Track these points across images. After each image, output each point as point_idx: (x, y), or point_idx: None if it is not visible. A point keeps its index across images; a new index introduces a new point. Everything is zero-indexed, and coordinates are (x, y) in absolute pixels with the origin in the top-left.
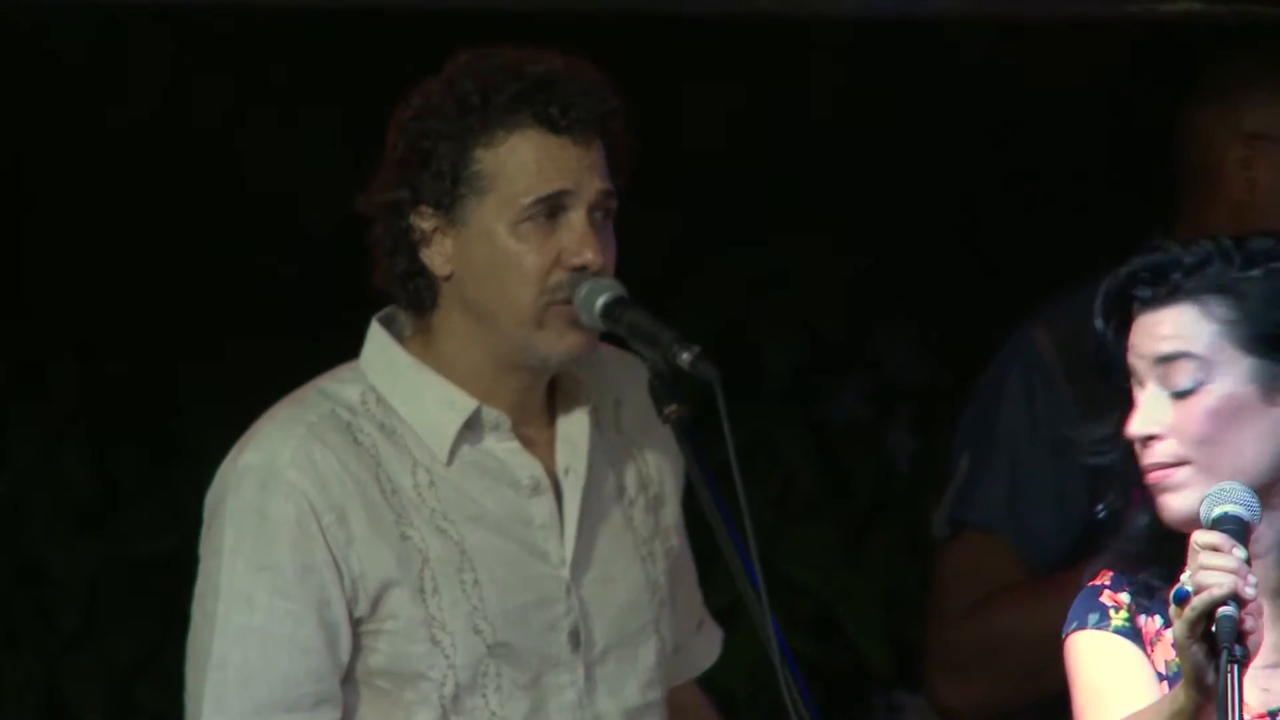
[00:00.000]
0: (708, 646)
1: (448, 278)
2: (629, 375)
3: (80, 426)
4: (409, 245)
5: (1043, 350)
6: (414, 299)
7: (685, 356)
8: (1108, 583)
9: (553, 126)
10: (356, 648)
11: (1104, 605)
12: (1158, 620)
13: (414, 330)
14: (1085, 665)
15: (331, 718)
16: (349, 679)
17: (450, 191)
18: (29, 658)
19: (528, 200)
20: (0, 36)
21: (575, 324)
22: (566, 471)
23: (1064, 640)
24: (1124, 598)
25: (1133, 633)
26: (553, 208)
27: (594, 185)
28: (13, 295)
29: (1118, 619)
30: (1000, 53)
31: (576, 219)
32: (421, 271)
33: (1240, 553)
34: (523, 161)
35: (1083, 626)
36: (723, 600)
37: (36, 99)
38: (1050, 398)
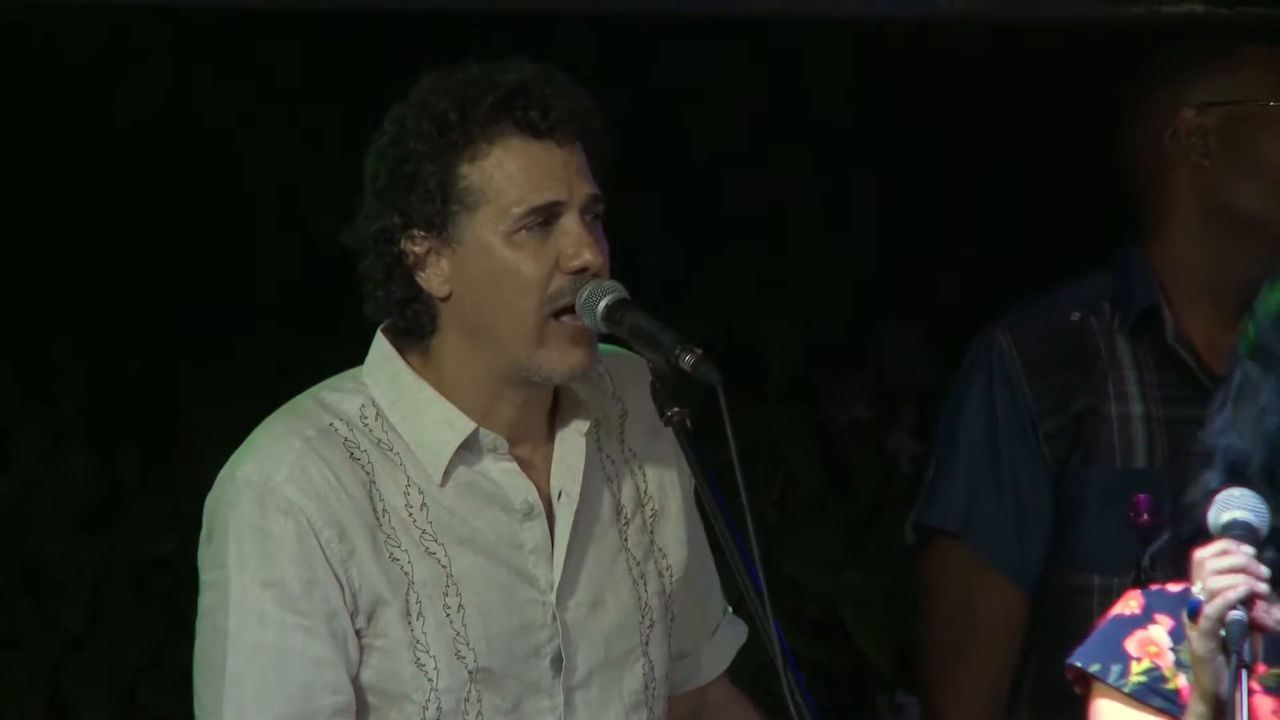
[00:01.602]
0: (719, 654)
1: (446, 299)
2: (639, 386)
3: (83, 428)
4: (403, 271)
5: (1005, 350)
6: (413, 325)
7: (687, 359)
8: (1137, 610)
9: (535, 131)
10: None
11: (1127, 654)
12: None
13: (417, 346)
14: None
15: None
16: None
17: (440, 211)
18: (31, 659)
19: (520, 210)
20: (7, 38)
21: (577, 341)
22: (560, 495)
23: (1086, 671)
24: (1157, 635)
25: (1151, 689)
26: (546, 215)
27: (583, 189)
28: (17, 297)
29: (1137, 673)
30: (1003, 54)
31: (570, 223)
32: (418, 296)
33: (1248, 549)
34: (510, 172)
35: (1103, 677)
36: (726, 601)
37: (43, 100)
38: (1010, 397)
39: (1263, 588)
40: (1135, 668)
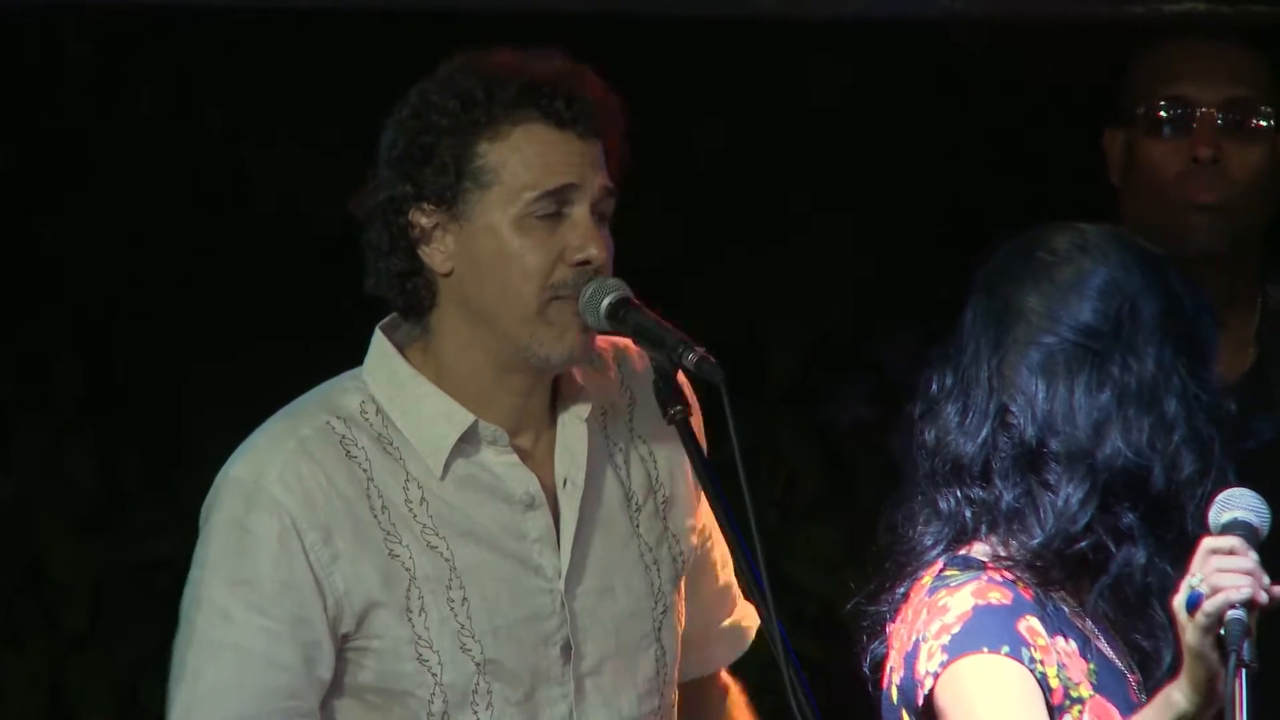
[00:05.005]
0: (732, 643)
1: (448, 275)
2: (646, 375)
3: (85, 429)
4: (407, 244)
5: None
6: (412, 300)
7: (690, 357)
8: (1007, 602)
9: (558, 120)
10: (344, 663)
11: (1023, 639)
12: (1072, 643)
13: (416, 337)
14: (1002, 693)
15: None
16: (340, 693)
17: (453, 185)
18: (33, 659)
19: (533, 195)
20: (12, 39)
21: (577, 323)
22: (565, 483)
23: (961, 659)
24: (1037, 624)
25: (1042, 684)
26: (557, 203)
27: (597, 181)
28: (20, 297)
29: (1037, 660)
30: (1004, 53)
31: (580, 214)
32: (419, 270)
33: (1254, 555)
34: (527, 155)
35: (1016, 657)
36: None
37: (46, 103)
38: None
39: (1264, 597)
40: (1036, 655)
